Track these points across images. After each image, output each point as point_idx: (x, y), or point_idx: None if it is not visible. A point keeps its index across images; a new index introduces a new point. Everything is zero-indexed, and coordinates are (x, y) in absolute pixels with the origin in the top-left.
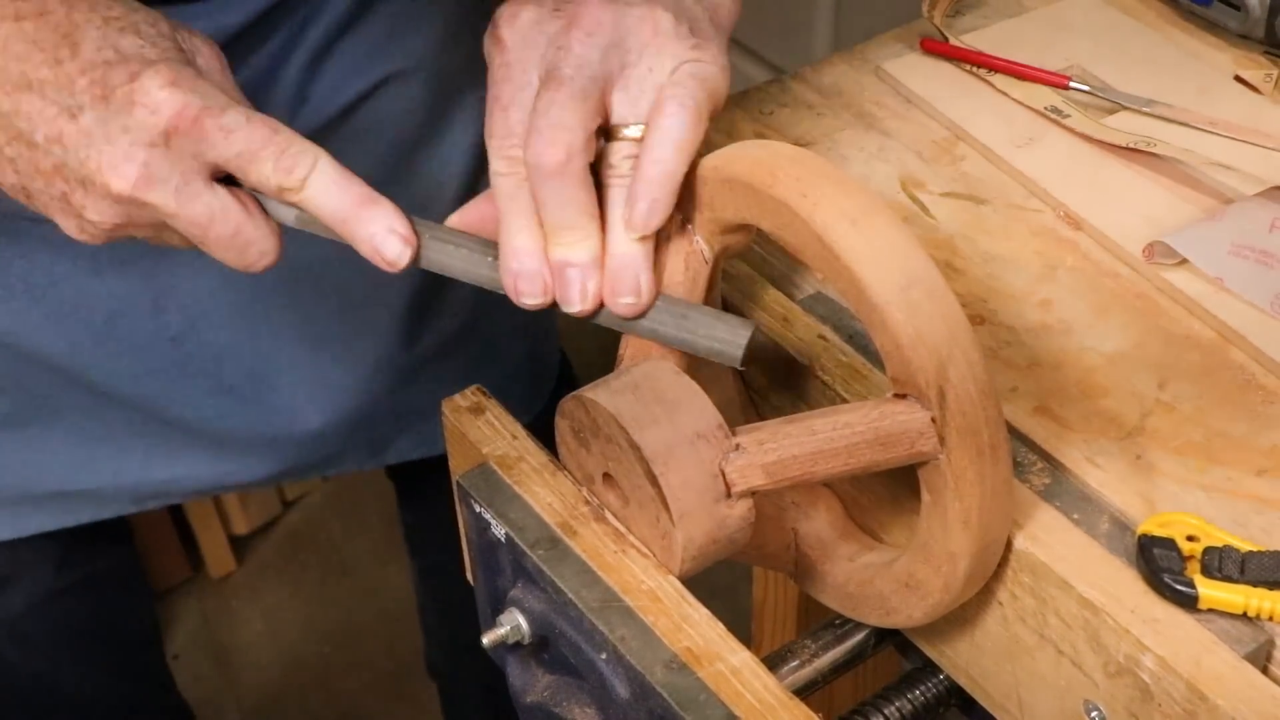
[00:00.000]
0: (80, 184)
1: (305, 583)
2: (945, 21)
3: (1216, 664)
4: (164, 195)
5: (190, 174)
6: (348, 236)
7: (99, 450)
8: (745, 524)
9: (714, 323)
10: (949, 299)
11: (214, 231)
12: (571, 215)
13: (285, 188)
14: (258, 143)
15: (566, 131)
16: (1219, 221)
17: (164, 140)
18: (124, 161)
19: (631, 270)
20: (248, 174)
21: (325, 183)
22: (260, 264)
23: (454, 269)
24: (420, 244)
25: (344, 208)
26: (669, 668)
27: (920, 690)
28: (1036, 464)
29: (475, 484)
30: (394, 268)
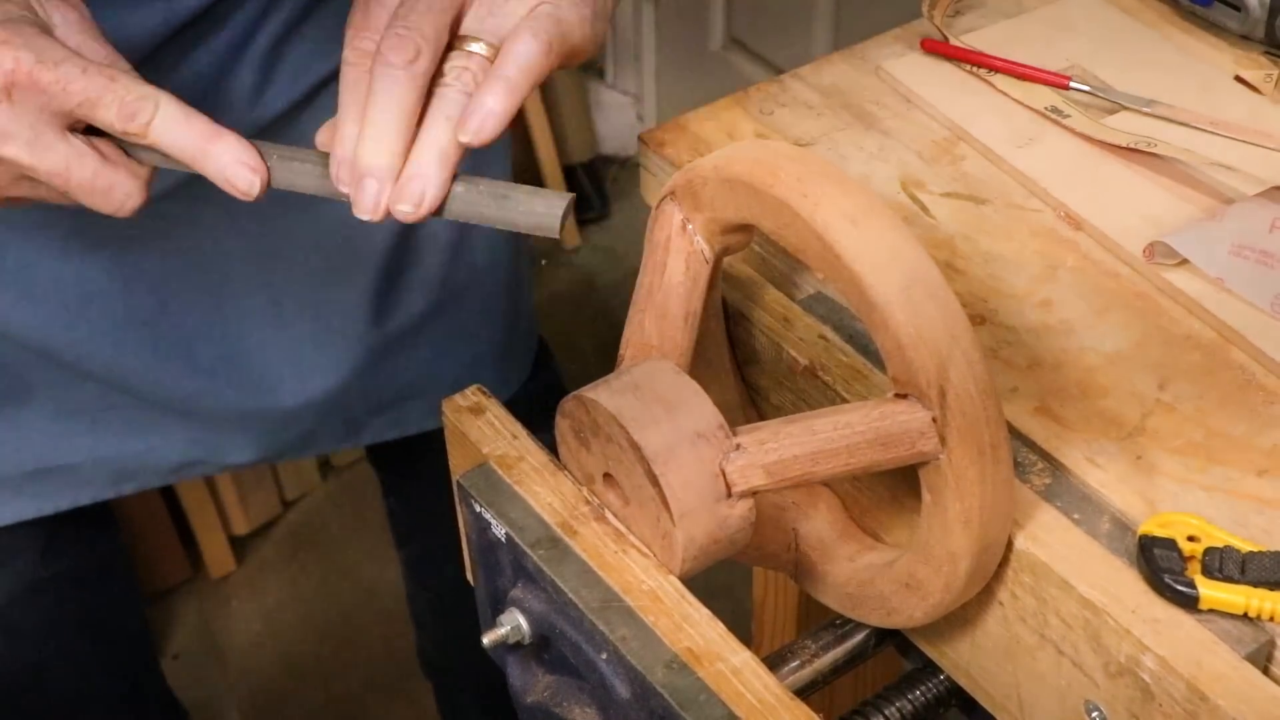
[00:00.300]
0: None
1: (305, 583)
2: (945, 21)
3: (1217, 664)
4: (16, 148)
5: (39, 125)
6: (201, 172)
7: (75, 425)
8: (746, 524)
9: (532, 199)
10: (949, 299)
11: (74, 179)
12: (391, 117)
13: (130, 132)
14: (95, 91)
15: (419, 35)
16: (1219, 222)
17: (4, 96)
18: None
19: (419, 183)
20: (96, 121)
21: (168, 124)
22: (128, 205)
23: (305, 186)
24: (270, 169)
25: (191, 145)
26: (670, 668)
27: (920, 690)
28: (1037, 464)
29: (475, 484)
30: (248, 196)
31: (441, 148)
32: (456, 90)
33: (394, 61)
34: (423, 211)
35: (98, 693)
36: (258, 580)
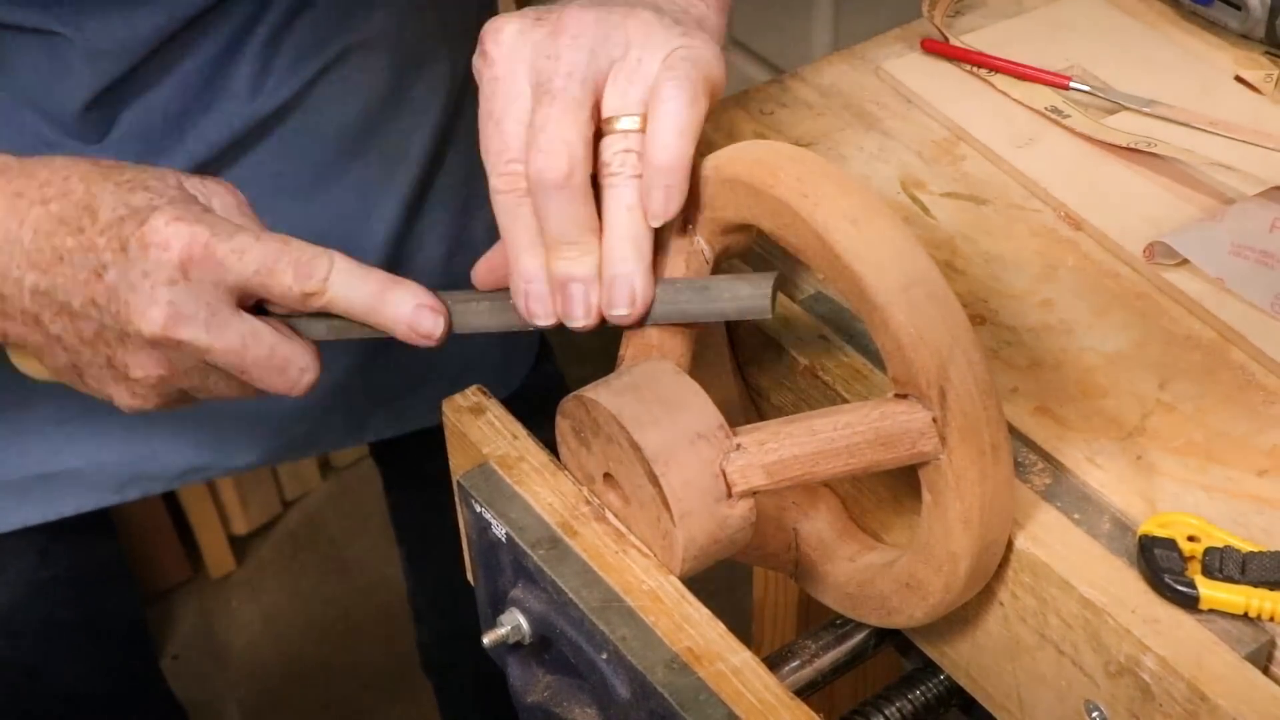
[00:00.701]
0: (119, 341)
1: (305, 583)
2: (945, 21)
3: (1217, 664)
4: (194, 329)
5: (216, 304)
6: (381, 323)
7: (77, 431)
8: (746, 524)
9: (735, 285)
10: (950, 299)
11: (250, 355)
12: (574, 230)
13: (309, 292)
14: (272, 256)
15: (566, 145)
16: (1219, 222)
17: (182, 274)
18: (149, 304)
19: (626, 281)
20: (270, 289)
21: (345, 278)
22: (304, 381)
23: (484, 324)
24: (450, 311)
25: (370, 296)
26: (670, 668)
27: (921, 690)
28: (1037, 464)
29: (476, 484)
30: (431, 340)
31: (633, 239)
32: (625, 177)
33: (552, 182)
34: (638, 310)
35: (96, 693)
36: (258, 580)
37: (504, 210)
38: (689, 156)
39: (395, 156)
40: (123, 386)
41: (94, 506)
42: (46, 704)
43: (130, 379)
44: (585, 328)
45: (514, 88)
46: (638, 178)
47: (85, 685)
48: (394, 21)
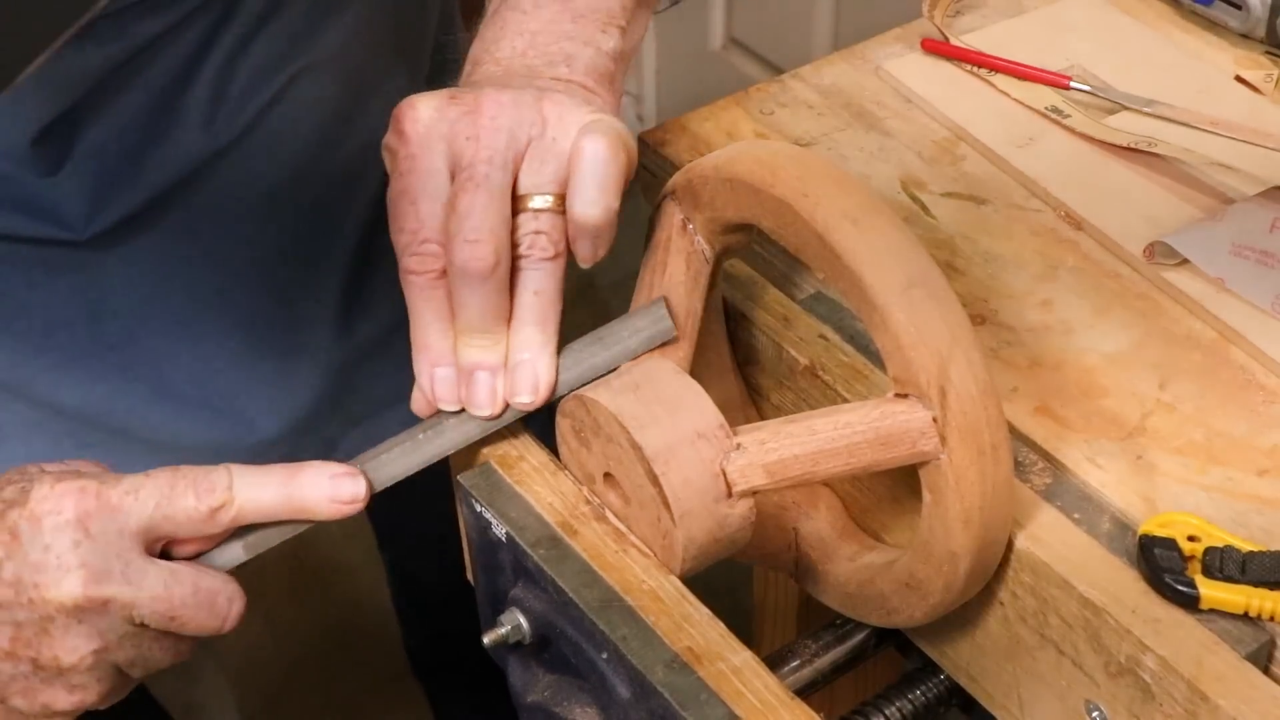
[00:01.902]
0: (41, 633)
1: (305, 583)
2: (945, 21)
3: (1218, 664)
4: (115, 584)
5: (126, 553)
6: (300, 511)
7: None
8: (746, 524)
9: (632, 321)
10: (950, 299)
11: (177, 597)
12: (488, 321)
13: (215, 506)
14: (166, 484)
15: (492, 235)
16: (1219, 222)
17: (83, 532)
18: (61, 573)
19: (530, 369)
20: (175, 518)
21: (248, 480)
22: (233, 611)
23: (403, 469)
24: (365, 469)
25: (279, 488)
26: (670, 667)
27: (921, 690)
28: (1037, 464)
29: (476, 484)
30: (357, 504)
31: (538, 323)
32: (535, 259)
33: (476, 271)
34: (541, 396)
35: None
36: (258, 580)
37: (416, 292)
38: (613, 210)
39: (354, 174)
40: (58, 686)
41: None
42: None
43: (64, 671)
44: (489, 417)
45: (431, 165)
46: (548, 260)
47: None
48: (344, 41)
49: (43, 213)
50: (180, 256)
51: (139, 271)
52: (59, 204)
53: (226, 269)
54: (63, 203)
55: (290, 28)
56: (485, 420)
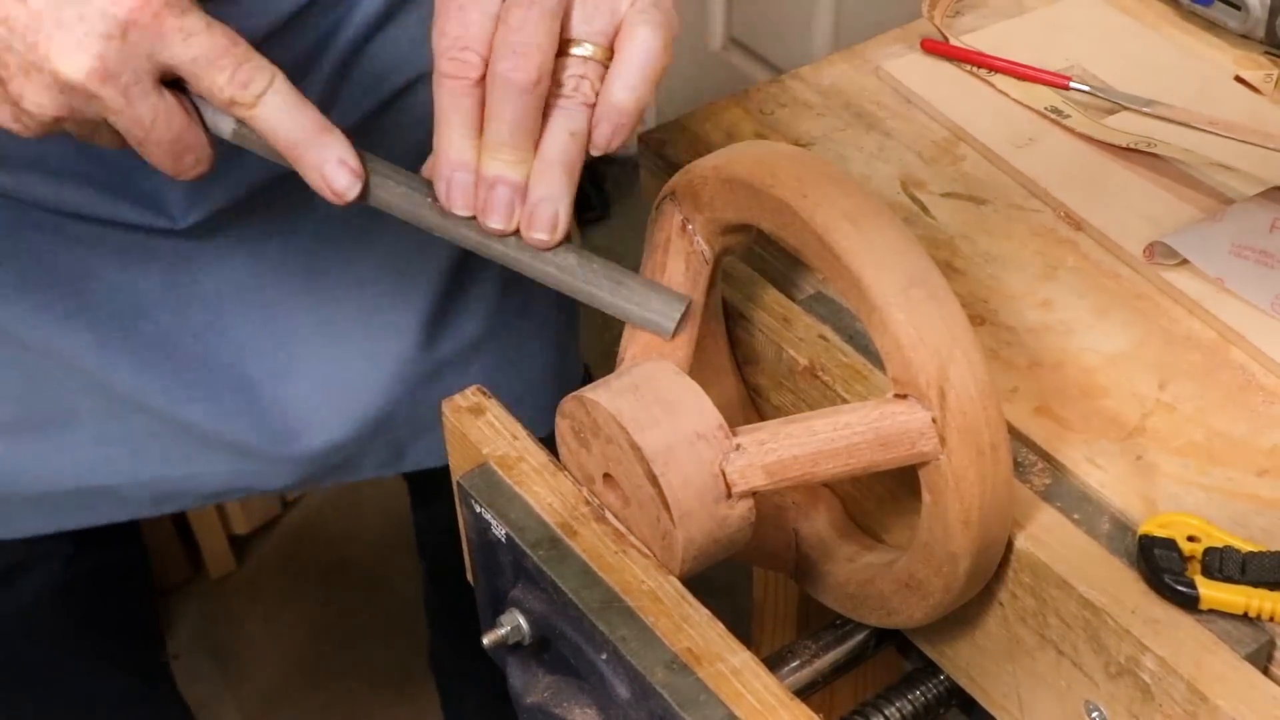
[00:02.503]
0: (23, 70)
1: (305, 583)
2: (945, 21)
3: (1217, 664)
4: (114, 90)
5: (141, 72)
6: (296, 161)
7: (116, 451)
8: (746, 524)
9: (648, 291)
10: (950, 299)
11: (155, 134)
12: (518, 137)
13: (238, 101)
14: (216, 51)
15: (539, 52)
16: (1219, 222)
17: (120, 33)
18: (76, 50)
19: (552, 206)
20: (200, 80)
21: (279, 103)
22: (194, 171)
23: (398, 208)
24: (368, 180)
25: (295, 132)
26: (669, 668)
27: (920, 691)
28: (1037, 464)
29: (475, 484)
30: (341, 199)
31: (567, 166)
32: (576, 103)
33: (517, 82)
34: (557, 238)
35: (113, 691)
36: (258, 580)
37: (446, 96)
38: (645, 104)
39: None
40: (7, 109)
41: (127, 518)
42: (62, 701)
43: (20, 107)
44: (499, 232)
45: None
46: (587, 106)
47: (99, 685)
48: None
49: (144, 199)
50: (274, 253)
51: (231, 264)
52: (160, 191)
53: (318, 271)
54: (164, 191)
55: (407, 34)
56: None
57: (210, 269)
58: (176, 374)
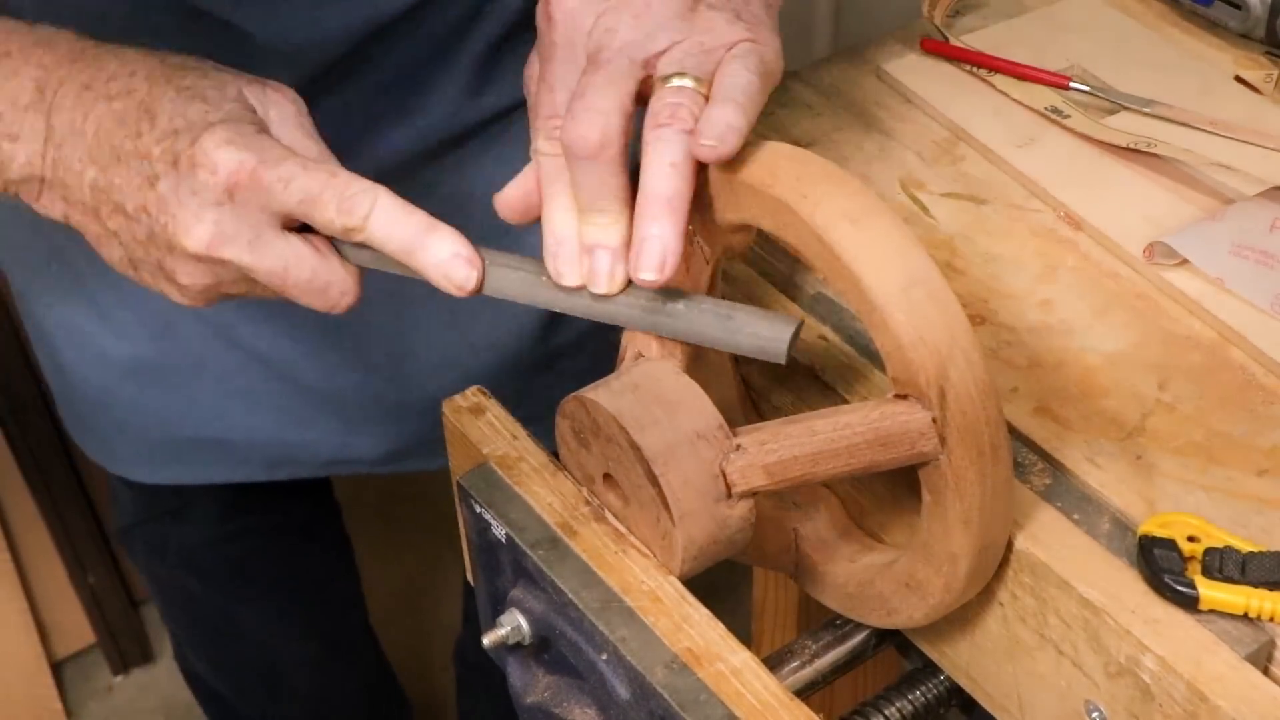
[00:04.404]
0: (168, 249)
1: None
2: (945, 22)
3: (1217, 664)
4: (237, 250)
5: (260, 226)
6: (417, 266)
7: (236, 405)
8: (746, 524)
9: (756, 320)
10: (950, 299)
11: (291, 278)
12: (603, 200)
13: (349, 228)
14: (317, 188)
15: (601, 115)
16: (1219, 222)
17: (228, 198)
18: (195, 223)
19: (657, 244)
20: (313, 218)
21: (387, 218)
22: (343, 303)
23: (513, 292)
24: (485, 269)
25: (408, 238)
26: (669, 668)
27: (921, 691)
28: (1037, 464)
29: (475, 484)
30: (463, 291)
31: (668, 200)
32: (674, 130)
33: (582, 152)
34: (666, 275)
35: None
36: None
37: (546, 173)
38: (751, 121)
39: None
40: (173, 287)
41: (244, 479)
42: (246, 653)
43: (176, 282)
44: (607, 294)
45: (570, 54)
46: (685, 132)
47: (276, 636)
48: None
49: None
50: None
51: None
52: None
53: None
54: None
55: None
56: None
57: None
58: (296, 340)
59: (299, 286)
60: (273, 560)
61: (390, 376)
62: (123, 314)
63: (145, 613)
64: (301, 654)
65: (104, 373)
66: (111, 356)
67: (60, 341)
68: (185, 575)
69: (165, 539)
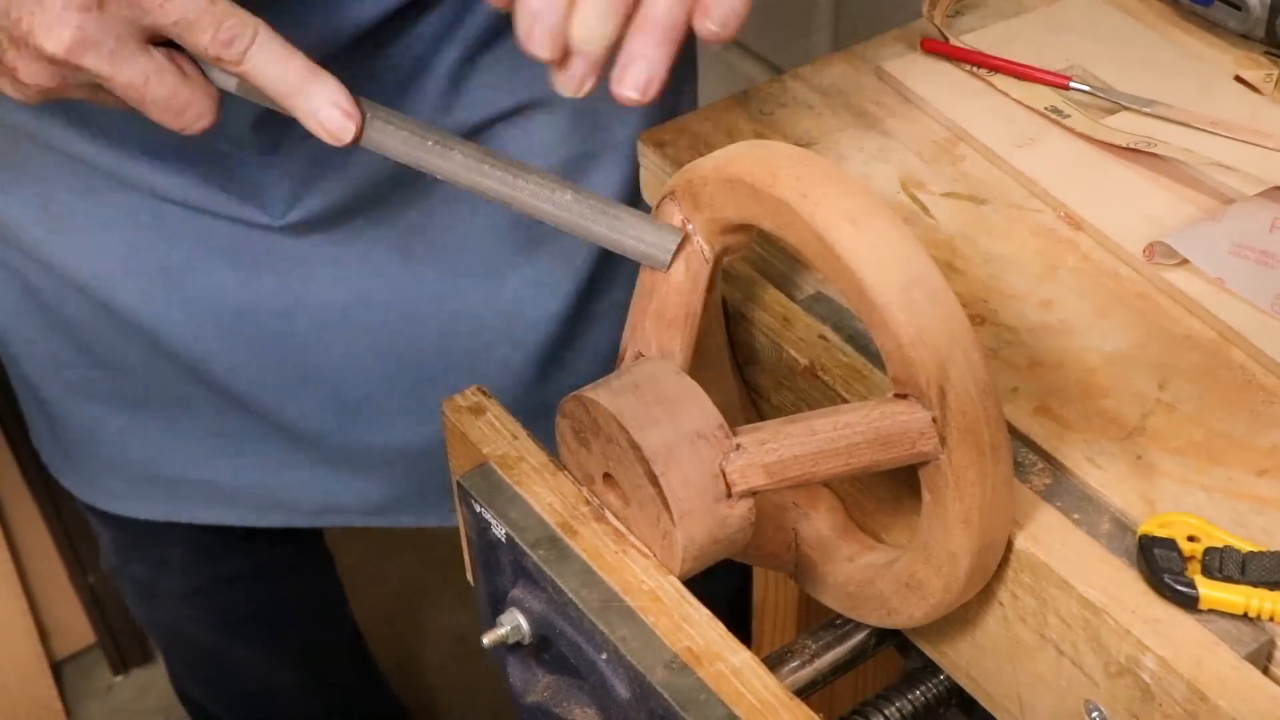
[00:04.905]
0: (13, 43)
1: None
2: (945, 21)
3: (1217, 664)
4: (98, 59)
5: (125, 38)
6: (291, 109)
7: (222, 447)
8: (746, 524)
9: (642, 224)
10: (950, 299)
11: (150, 94)
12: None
13: (224, 59)
14: (195, 12)
15: None
16: (1219, 221)
17: (98, 4)
18: (57, 24)
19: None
20: (185, 41)
21: (266, 56)
22: (197, 125)
23: (393, 150)
24: (364, 120)
25: (285, 81)
26: (669, 668)
27: (921, 690)
28: (1037, 464)
29: (475, 484)
30: (339, 142)
31: (668, 28)
32: None
33: None
34: (649, 96)
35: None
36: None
37: None
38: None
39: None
40: (6, 80)
41: (235, 523)
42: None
43: (16, 79)
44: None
45: None
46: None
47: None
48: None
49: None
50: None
51: (344, 277)
52: (260, 185)
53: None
54: (265, 185)
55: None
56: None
57: (323, 283)
58: (272, 381)
59: (156, 104)
60: (260, 601)
61: (370, 421)
62: (103, 350)
63: None
64: (294, 681)
65: (91, 405)
66: (98, 389)
67: (43, 379)
68: (176, 618)
69: (153, 585)
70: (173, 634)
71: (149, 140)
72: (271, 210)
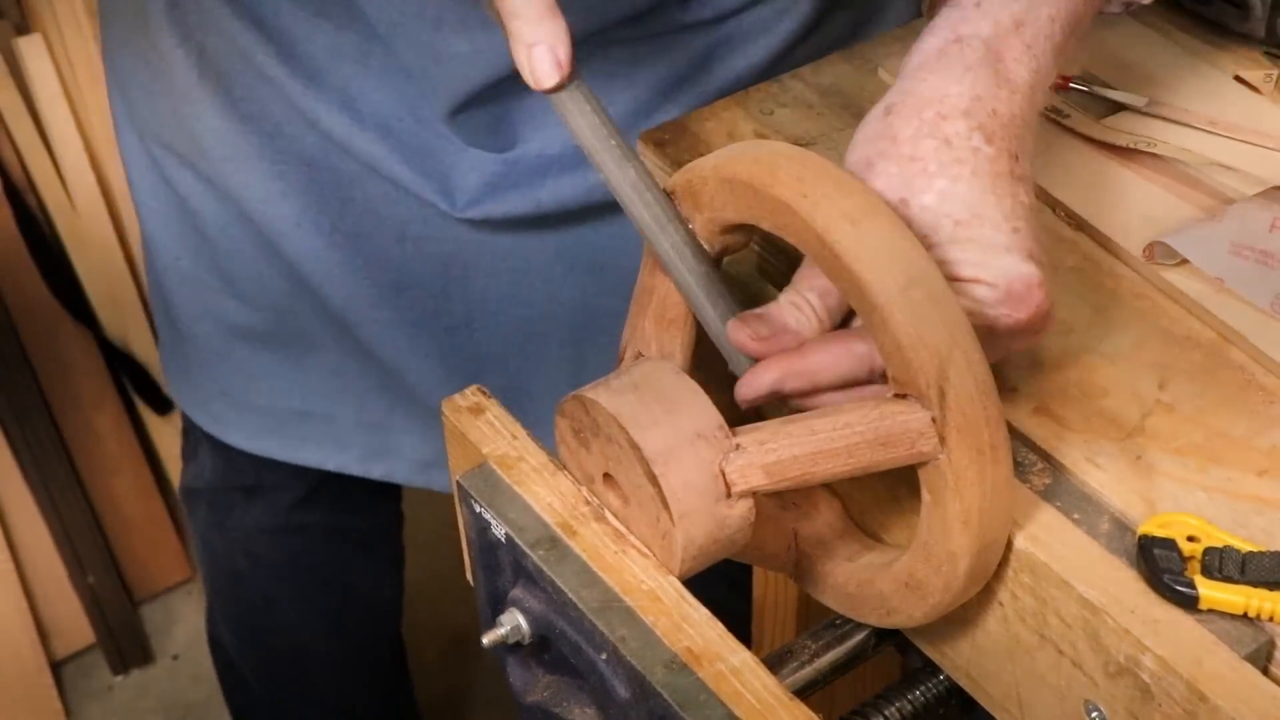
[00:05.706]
0: None
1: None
2: None
3: (1217, 664)
4: None
5: None
6: (511, 34)
7: (347, 389)
8: (745, 524)
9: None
10: (949, 299)
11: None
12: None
13: None
14: None
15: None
16: (1219, 222)
17: None
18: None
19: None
20: None
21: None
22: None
23: (576, 128)
24: (568, 85)
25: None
26: (669, 668)
27: (920, 690)
28: (1037, 464)
29: (475, 484)
30: (536, 84)
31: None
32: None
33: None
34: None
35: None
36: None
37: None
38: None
39: None
40: None
41: (335, 468)
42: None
43: None
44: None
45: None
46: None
47: (314, 639)
48: None
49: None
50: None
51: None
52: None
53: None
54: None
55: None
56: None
57: (481, 271)
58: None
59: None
60: (326, 561)
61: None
62: (246, 283)
63: (145, 613)
64: (330, 653)
65: (220, 331)
66: (230, 319)
67: (179, 296)
68: (238, 551)
69: (229, 512)
70: (229, 570)
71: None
72: (454, 200)
